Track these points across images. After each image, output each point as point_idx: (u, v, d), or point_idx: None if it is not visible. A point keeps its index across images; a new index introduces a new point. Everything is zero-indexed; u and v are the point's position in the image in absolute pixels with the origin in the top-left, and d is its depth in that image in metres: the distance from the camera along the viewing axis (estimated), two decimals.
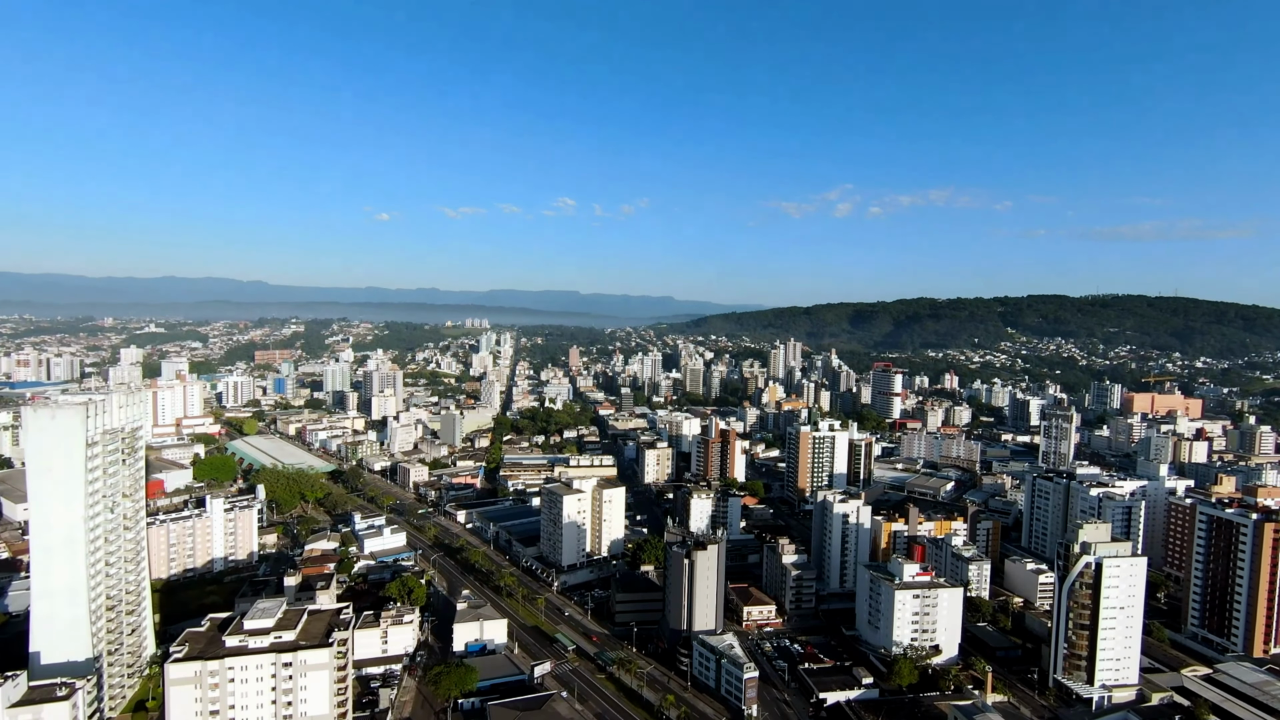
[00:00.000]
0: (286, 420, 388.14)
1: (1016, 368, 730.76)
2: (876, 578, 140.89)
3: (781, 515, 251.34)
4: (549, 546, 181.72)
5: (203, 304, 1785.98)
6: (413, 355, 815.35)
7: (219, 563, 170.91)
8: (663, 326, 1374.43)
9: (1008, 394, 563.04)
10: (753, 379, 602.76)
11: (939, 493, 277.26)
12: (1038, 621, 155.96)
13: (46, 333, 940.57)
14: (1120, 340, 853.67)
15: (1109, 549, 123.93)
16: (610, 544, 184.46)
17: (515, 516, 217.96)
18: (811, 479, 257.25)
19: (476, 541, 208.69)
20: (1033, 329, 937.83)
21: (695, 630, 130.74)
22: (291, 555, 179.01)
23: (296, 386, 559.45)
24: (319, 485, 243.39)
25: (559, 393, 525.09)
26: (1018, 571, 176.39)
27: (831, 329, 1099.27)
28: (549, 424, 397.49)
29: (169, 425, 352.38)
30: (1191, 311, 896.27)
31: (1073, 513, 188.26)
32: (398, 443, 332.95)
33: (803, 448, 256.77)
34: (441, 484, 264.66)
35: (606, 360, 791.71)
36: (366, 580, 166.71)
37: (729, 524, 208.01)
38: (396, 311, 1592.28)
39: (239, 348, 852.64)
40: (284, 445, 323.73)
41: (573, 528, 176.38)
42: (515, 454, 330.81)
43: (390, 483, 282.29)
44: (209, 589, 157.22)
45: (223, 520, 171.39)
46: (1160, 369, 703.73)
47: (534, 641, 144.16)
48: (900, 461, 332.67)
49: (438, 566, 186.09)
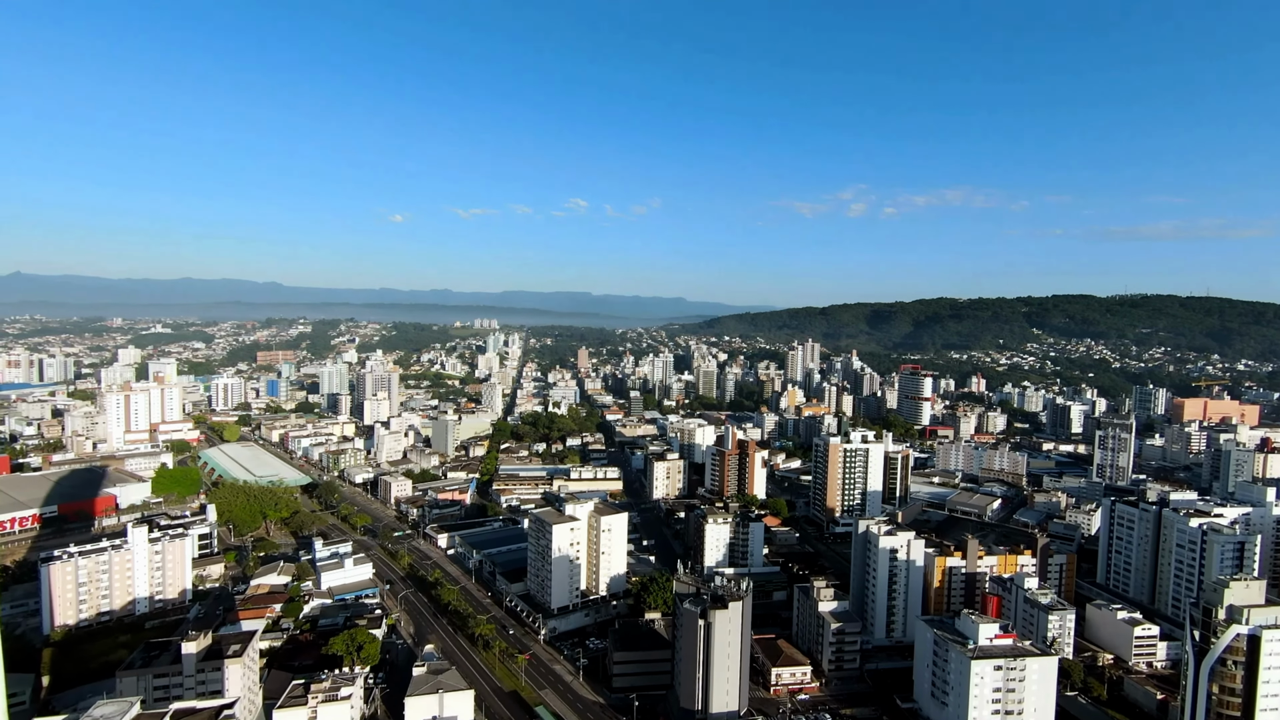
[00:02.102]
0: (271, 425, 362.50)
1: (1046, 370, 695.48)
2: (943, 640, 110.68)
3: (808, 539, 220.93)
4: (536, 584, 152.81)
5: (216, 305, 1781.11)
6: (417, 356, 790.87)
7: (142, 604, 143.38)
8: (674, 327, 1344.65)
9: (1041, 398, 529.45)
10: (769, 382, 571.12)
11: (985, 512, 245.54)
12: (1141, 690, 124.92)
13: (55, 332, 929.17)
14: (1153, 341, 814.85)
15: (1265, 615, 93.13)
16: (610, 581, 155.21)
17: (503, 541, 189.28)
18: (842, 497, 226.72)
19: (457, 572, 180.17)
20: (1059, 329, 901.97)
21: (712, 714, 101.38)
22: (233, 593, 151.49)
23: (292, 388, 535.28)
24: (285, 502, 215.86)
25: (565, 395, 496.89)
26: (1104, 620, 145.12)
27: (849, 329, 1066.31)
28: (551, 430, 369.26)
29: (142, 431, 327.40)
30: (1227, 312, 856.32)
31: (1167, 547, 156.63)
32: (385, 451, 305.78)
33: (832, 462, 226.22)
34: (426, 500, 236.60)
35: (616, 362, 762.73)
36: (315, 627, 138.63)
37: (750, 554, 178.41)
38: (408, 312, 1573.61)
39: (242, 348, 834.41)
40: (261, 454, 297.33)
41: (564, 563, 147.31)
42: (512, 464, 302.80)
43: (371, 497, 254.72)
44: (121, 640, 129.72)
45: (147, 552, 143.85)
46: (1200, 372, 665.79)
47: (510, 716, 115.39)
48: (936, 475, 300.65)
49: (406, 606, 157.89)
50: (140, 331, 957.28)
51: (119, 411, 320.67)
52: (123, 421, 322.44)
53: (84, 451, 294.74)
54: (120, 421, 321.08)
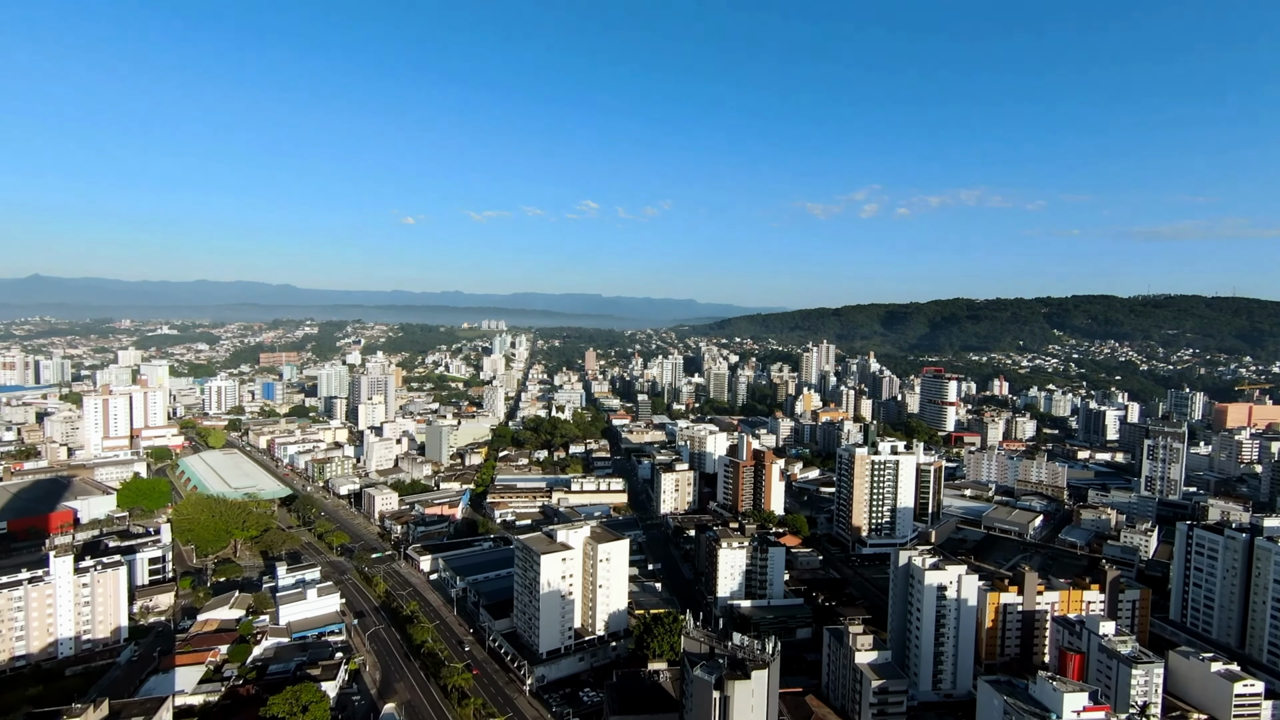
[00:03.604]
0: (260, 430, 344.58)
1: (1071, 372, 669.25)
2: (1018, 712, 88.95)
3: (832, 561, 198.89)
4: (523, 622, 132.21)
5: (230, 306, 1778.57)
6: (422, 358, 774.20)
7: (66, 645, 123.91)
8: (684, 328, 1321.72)
9: (1069, 402, 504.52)
10: (783, 385, 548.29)
11: (1026, 530, 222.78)
12: None
13: (63, 334, 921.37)
14: (1180, 343, 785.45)
15: None
16: (608, 619, 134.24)
17: (492, 566, 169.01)
18: (870, 514, 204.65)
19: (438, 602, 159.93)
20: (1081, 330, 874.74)
21: None
22: (176, 630, 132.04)
23: (290, 391, 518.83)
24: (255, 519, 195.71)
25: (571, 399, 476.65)
26: (1193, 673, 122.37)
27: (863, 331, 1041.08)
28: (554, 436, 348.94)
29: (123, 437, 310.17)
30: (1256, 312, 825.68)
31: (1261, 582, 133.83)
32: (375, 459, 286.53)
33: (858, 476, 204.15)
34: (412, 515, 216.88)
35: (625, 364, 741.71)
36: (263, 675, 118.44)
37: (770, 583, 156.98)
38: (419, 314, 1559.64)
39: (246, 350, 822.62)
40: (243, 462, 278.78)
41: (555, 599, 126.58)
42: (510, 473, 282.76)
43: (355, 511, 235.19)
44: (30, 692, 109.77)
45: (73, 586, 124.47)
46: (1233, 374, 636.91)
47: None
48: (968, 487, 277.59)
49: (375, 645, 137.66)
50: (147, 333, 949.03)
51: (97, 416, 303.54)
52: (101, 427, 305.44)
53: (57, 459, 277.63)
54: (99, 426, 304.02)
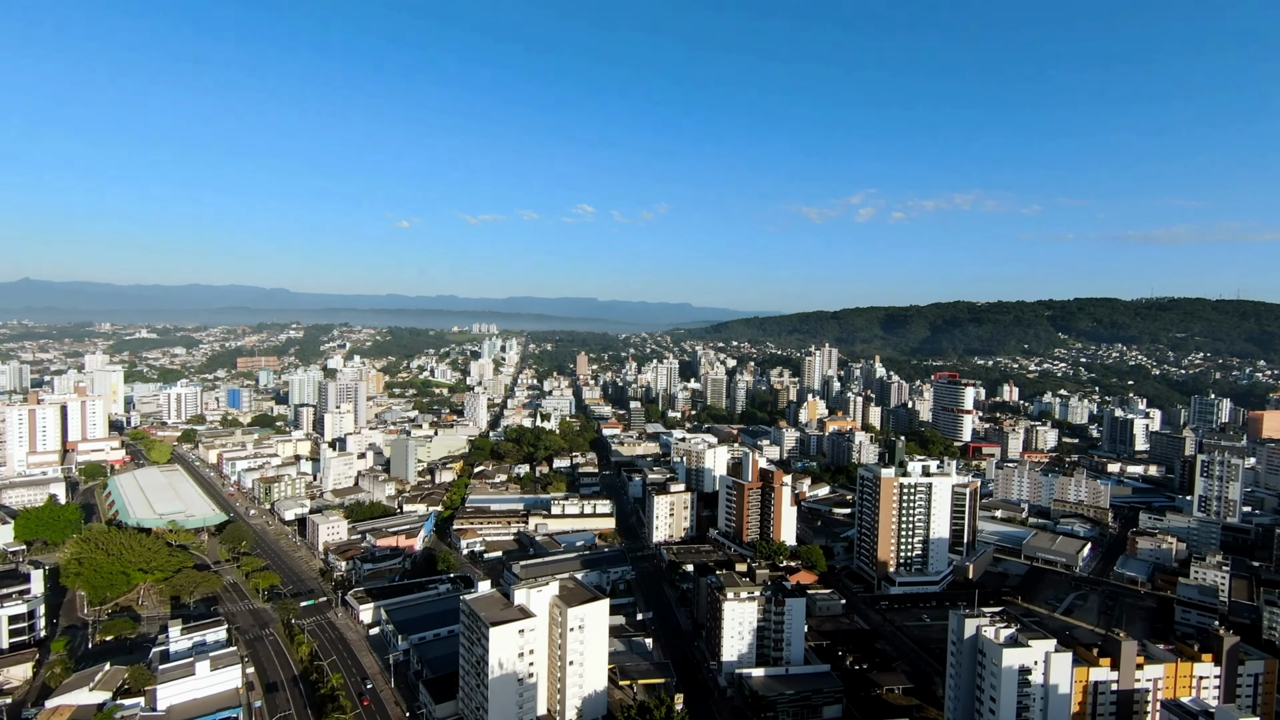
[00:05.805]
0: (210, 443, 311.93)
1: (1081, 377, 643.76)
2: None
3: (855, 603, 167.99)
4: (470, 709, 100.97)
5: (222, 310, 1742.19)
6: (407, 363, 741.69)
7: None
8: (680, 332, 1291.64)
9: (1085, 408, 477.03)
10: (784, 390, 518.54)
11: (1075, 562, 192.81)
12: None
13: (38, 338, 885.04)
14: (1189, 346, 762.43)
15: None
16: (582, 704, 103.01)
17: (444, 620, 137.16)
18: (898, 547, 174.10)
19: (373, 667, 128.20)
20: (1087, 334, 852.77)
21: None
22: None
23: (259, 398, 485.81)
24: (160, 560, 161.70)
25: (559, 406, 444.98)
26: None
27: (862, 334, 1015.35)
28: (538, 448, 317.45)
29: (51, 452, 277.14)
30: (1265, 315, 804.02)
31: None
32: (331, 478, 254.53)
33: (884, 502, 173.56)
34: (362, 548, 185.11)
35: (618, 368, 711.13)
36: None
37: (788, 642, 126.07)
38: (413, 318, 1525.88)
39: (224, 354, 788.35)
40: (180, 482, 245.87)
41: (509, 684, 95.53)
42: (484, 493, 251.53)
43: (300, 540, 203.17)
44: None
45: None
46: (1248, 379, 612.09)
47: None
48: (998, 507, 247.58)
49: None
50: (125, 337, 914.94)
51: (21, 428, 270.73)
52: (27, 440, 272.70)
53: None
54: (23, 440, 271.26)
